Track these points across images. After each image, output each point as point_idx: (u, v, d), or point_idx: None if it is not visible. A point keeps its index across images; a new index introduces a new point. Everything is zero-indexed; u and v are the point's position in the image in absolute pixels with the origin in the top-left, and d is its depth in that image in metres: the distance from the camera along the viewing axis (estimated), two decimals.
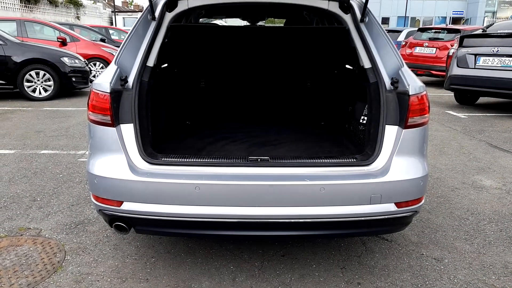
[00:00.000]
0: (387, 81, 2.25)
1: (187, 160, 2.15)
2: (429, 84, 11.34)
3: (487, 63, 7.06)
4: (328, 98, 3.65)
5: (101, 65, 10.79)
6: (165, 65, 3.08)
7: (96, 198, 2.15)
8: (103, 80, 2.11)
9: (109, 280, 2.32)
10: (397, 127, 2.18)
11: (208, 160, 2.15)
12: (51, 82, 8.23)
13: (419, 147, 2.21)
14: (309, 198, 2.04)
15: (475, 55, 7.24)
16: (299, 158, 2.23)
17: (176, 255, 2.60)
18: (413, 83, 2.17)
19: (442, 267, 2.51)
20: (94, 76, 10.19)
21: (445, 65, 8.33)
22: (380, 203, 2.08)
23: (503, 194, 3.69)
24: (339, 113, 3.43)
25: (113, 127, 2.11)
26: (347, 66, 3.19)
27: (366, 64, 2.42)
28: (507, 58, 6.81)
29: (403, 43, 12.45)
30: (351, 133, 3.04)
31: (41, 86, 8.22)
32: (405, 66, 2.31)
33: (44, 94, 8.25)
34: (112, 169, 2.08)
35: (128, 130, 2.14)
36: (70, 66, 8.35)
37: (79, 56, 8.91)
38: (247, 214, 2.05)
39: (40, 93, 8.23)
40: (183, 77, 3.59)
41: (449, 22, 42.12)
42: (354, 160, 2.21)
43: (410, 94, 2.13)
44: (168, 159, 2.16)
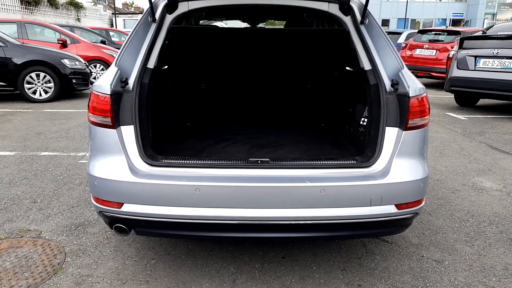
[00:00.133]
0: (387, 83, 2.25)
1: (188, 162, 2.15)
2: (429, 86, 11.34)
3: (487, 65, 7.06)
4: (328, 100, 3.65)
5: (102, 67, 10.81)
6: (166, 67, 3.08)
7: (97, 200, 2.15)
8: (104, 82, 2.12)
9: (109, 282, 2.32)
10: (397, 129, 2.18)
11: (209, 162, 2.15)
12: (52, 84, 8.24)
13: (420, 149, 2.21)
14: (310, 200, 2.03)
15: (475, 57, 7.24)
16: (300, 160, 2.23)
17: (177, 257, 2.59)
18: (413, 85, 2.17)
19: (443, 269, 2.51)
20: (95, 78, 10.21)
21: (445, 67, 8.34)
22: (381, 205, 2.08)
23: (504, 196, 3.69)
24: (339, 115, 3.43)
25: (114, 129, 2.11)
26: (347, 68, 3.19)
27: (366, 66, 2.43)
28: (507, 60, 6.81)
29: (403, 45, 12.45)
30: (351, 135, 3.04)
31: (42, 88, 8.23)
32: (405, 68, 2.32)
33: (45, 96, 8.26)
34: (113, 171, 2.08)
35: (129, 132, 2.14)
36: (71, 68, 8.36)
37: (80, 58, 8.91)
38: (247, 216, 2.05)
39: (41, 95, 8.24)
40: (184, 79, 3.59)
41: (449, 24, 42.27)
42: (355, 162, 2.21)
43: (410, 96, 2.13)
44: (169, 161, 2.16)
